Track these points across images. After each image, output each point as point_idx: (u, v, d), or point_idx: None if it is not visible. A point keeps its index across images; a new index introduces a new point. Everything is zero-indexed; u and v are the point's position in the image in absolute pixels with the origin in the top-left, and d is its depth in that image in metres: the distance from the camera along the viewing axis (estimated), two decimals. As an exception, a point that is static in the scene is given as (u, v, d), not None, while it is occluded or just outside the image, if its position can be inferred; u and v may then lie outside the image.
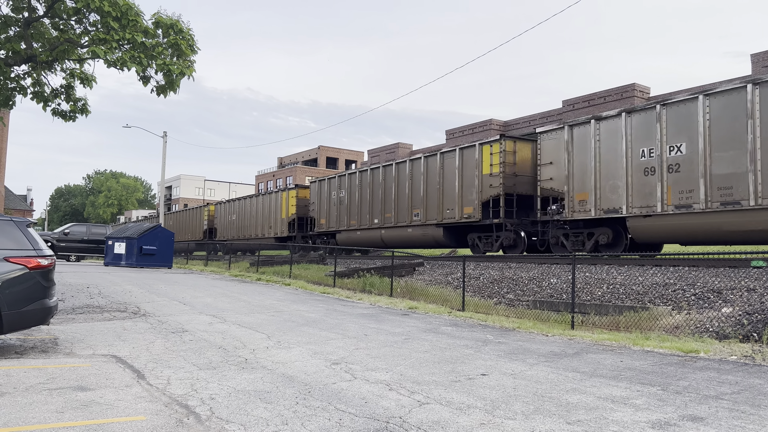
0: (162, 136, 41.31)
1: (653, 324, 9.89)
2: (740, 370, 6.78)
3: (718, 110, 13.18)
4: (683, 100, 13.91)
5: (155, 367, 6.83)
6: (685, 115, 13.83)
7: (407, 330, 9.96)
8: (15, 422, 4.65)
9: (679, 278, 11.77)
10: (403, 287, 16.04)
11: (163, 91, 13.26)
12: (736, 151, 12.84)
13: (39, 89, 13.89)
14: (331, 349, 8.12)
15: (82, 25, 13.25)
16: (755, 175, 12.44)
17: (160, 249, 29.04)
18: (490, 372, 6.74)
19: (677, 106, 13.99)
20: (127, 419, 4.79)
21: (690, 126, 13.69)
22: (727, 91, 13.07)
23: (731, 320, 9.31)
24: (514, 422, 4.84)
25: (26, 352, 7.66)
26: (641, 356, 7.75)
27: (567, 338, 9.32)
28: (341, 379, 6.30)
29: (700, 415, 5.01)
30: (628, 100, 39.95)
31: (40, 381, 6.01)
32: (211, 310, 12.26)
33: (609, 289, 12.28)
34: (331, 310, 12.69)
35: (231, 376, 6.39)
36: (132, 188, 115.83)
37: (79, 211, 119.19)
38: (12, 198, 59.22)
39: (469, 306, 12.95)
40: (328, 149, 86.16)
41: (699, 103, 13.47)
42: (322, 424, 4.75)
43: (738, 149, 12.79)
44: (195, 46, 13.32)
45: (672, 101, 14.11)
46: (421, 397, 5.61)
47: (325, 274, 19.63)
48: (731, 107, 12.94)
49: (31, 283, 7.34)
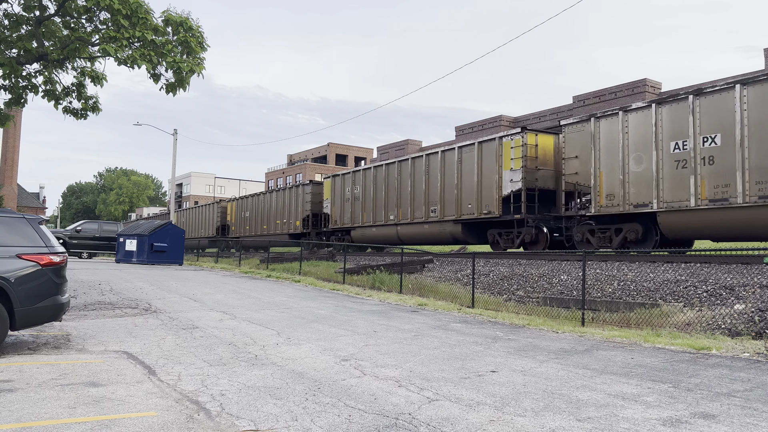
0: (172, 134, 41.53)
1: (664, 321, 9.82)
2: (753, 368, 6.72)
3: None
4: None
5: (166, 363, 6.88)
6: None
7: (417, 327, 9.96)
8: (28, 417, 4.70)
9: (691, 275, 11.68)
10: (412, 284, 16.04)
11: (173, 89, 13.32)
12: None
13: (50, 87, 14.00)
14: (341, 345, 8.13)
15: (93, 23, 13.34)
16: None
17: (170, 246, 29.21)
18: (500, 369, 6.73)
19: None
20: (138, 415, 4.82)
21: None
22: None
23: (744, 317, 9.23)
24: (524, 419, 4.83)
25: (39, 348, 7.74)
26: (652, 353, 7.70)
27: (577, 335, 9.28)
28: (351, 376, 6.31)
29: (712, 412, 4.97)
30: (639, 95, 39.64)
31: (53, 377, 6.06)
32: (222, 306, 12.32)
33: (620, 285, 12.20)
34: (341, 306, 12.71)
35: (241, 373, 6.42)
36: (143, 186, 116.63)
37: (90, 208, 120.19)
38: (25, 196, 59.75)
39: (478, 303, 12.92)
40: (337, 146, 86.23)
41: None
42: (332, 420, 4.76)
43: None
44: (204, 44, 13.37)
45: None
46: (431, 393, 5.61)
47: (335, 271, 19.66)
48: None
49: (43, 280, 7.41)
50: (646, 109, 14.87)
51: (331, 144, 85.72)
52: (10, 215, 7.67)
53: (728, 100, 13.18)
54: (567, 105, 46.56)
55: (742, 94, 12.92)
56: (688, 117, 13.92)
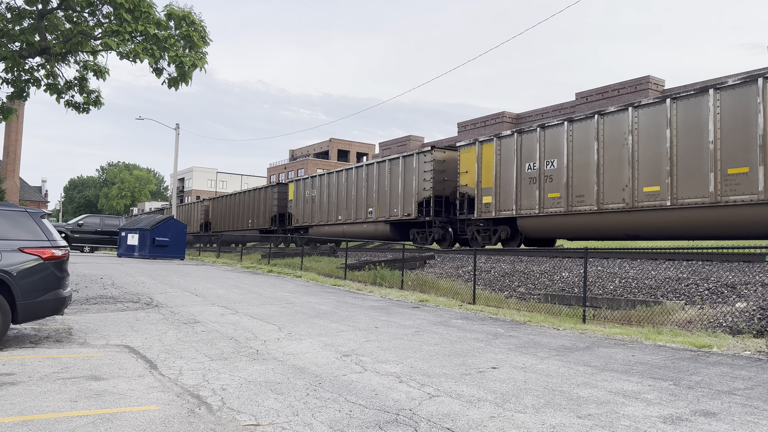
0: (174, 128, 41.51)
1: (666, 318, 9.81)
2: (754, 366, 6.71)
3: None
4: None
5: (167, 357, 6.89)
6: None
7: (418, 323, 9.97)
8: (29, 411, 4.71)
9: (693, 272, 11.66)
10: (413, 280, 16.04)
11: (175, 83, 13.31)
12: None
13: (53, 81, 13.99)
14: (342, 341, 8.14)
15: (95, 17, 13.32)
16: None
17: (172, 240, 29.26)
18: (501, 365, 6.73)
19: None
20: (139, 409, 4.84)
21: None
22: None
23: (745, 315, 9.22)
24: (525, 416, 4.83)
25: (41, 341, 7.76)
26: (653, 351, 7.70)
27: (578, 332, 9.28)
28: (352, 371, 6.32)
29: (713, 410, 4.97)
30: (642, 92, 39.53)
31: (54, 370, 6.08)
32: (223, 301, 12.34)
33: (621, 283, 12.20)
34: (342, 302, 12.72)
35: (242, 367, 6.43)
36: (145, 180, 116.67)
37: (92, 202, 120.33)
38: (27, 189, 59.84)
39: (479, 299, 12.93)
40: (339, 142, 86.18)
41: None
42: (333, 415, 4.77)
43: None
44: (207, 38, 13.35)
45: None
46: (431, 389, 5.61)
47: (336, 267, 19.67)
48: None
49: (45, 274, 7.42)
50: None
51: (333, 139, 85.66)
52: (12, 209, 7.68)
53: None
54: (570, 102, 46.47)
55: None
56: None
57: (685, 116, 13.74)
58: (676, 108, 13.91)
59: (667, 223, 14.25)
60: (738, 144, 12.77)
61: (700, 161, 13.39)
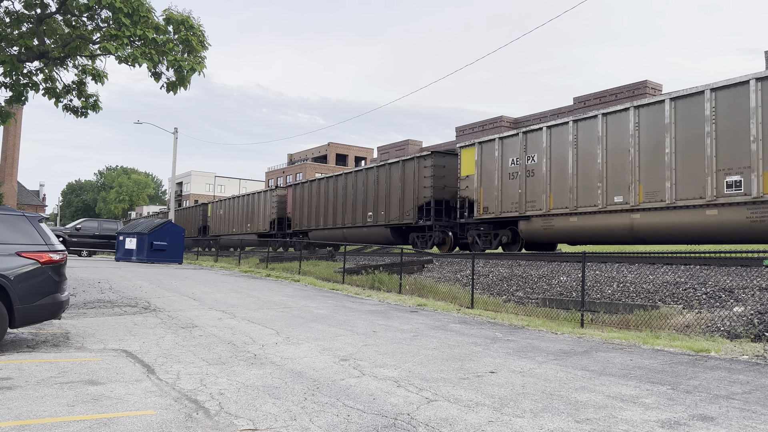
0: (173, 133, 41.52)
1: (663, 323, 9.82)
2: (752, 370, 6.72)
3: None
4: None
5: (165, 362, 6.87)
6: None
7: (416, 327, 9.96)
8: (26, 415, 4.70)
9: (690, 277, 11.67)
10: (411, 284, 16.03)
11: (173, 88, 13.32)
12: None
13: (51, 85, 14.00)
14: (340, 345, 8.13)
15: (94, 21, 13.33)
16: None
17: (170, 244, 29.21)
18: (499, 369, 6.73)
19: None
20: (136, 413, 4.82)
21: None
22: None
23: (743, 319, 9.23)
24: (523, 420, 4.83)
25: (38, 345, 7.74)
26: (651, 355, 7.70)
27: (576, 336, 9.27)
28: (350, 376, 6.31)
29: (711, 414, 4.97)
30: (640, 97, 39.63)
31: (52, 375, 6.06)
32: (221, 305, 12.32)
33: (619, 287, 12.20)
34: (340, 306, 12.71)
35: (240, 372, 6.42)
36: (143, 184, 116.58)
37: (90, 206, 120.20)
38: (25, 193, 59.74)
39: (478, 303, 12.92)
40: (337, 146, 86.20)
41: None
42: (331, 420, 4.76)
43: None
44: (206, 42, 13.37)
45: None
46: (430, 394, 5.61)
47: (334, 271, 19.65)
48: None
49: (42, 278, 7.41)
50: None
51: (331, 144, 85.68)
52: (10, 213, 7.67)
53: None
54: (568, 106, 46.55)
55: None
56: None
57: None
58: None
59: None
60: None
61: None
